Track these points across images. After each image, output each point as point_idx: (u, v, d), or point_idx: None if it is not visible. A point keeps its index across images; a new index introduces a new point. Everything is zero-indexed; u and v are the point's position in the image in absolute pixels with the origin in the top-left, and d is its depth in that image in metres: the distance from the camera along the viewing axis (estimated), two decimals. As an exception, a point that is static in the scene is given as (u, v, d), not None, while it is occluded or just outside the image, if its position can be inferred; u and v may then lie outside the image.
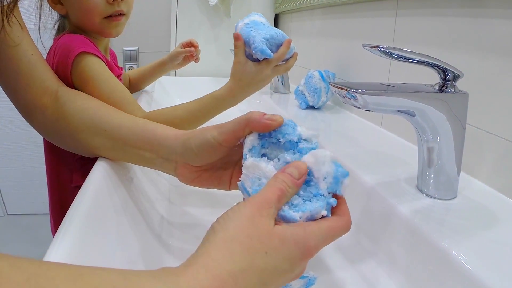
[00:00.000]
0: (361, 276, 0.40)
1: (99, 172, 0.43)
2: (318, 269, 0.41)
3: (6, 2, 0.42)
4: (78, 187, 0.39)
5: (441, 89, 0.39)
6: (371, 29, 0.75)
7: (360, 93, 0.36)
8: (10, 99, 0.48)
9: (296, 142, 0.32)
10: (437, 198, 0.41)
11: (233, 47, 0.63)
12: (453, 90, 0.39)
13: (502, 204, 0.41)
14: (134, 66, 1.68)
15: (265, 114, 0.32)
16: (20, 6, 0.45)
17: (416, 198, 0.41)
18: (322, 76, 0.84)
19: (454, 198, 0.42)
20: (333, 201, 0.29)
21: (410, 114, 0.39)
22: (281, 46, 0.61)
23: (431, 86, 0.40)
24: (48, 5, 0.64)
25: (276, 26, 1.42)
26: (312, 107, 0.87)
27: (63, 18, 0.67)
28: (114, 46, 1.64)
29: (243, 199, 0.32)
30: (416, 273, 0.36)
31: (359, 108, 0.37)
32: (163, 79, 1.19)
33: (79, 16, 0.63)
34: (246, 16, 0.64)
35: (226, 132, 0.35)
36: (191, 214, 0.55)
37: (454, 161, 0.40)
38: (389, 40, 0.68)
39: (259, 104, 1.00)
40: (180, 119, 0.60)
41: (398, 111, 0.39)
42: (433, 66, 0.38)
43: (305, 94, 0.85)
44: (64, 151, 0.53)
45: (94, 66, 0.57)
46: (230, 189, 0.41)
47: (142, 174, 0.55)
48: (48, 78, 0.49)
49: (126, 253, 0.38)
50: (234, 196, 0.58)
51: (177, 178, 0.42)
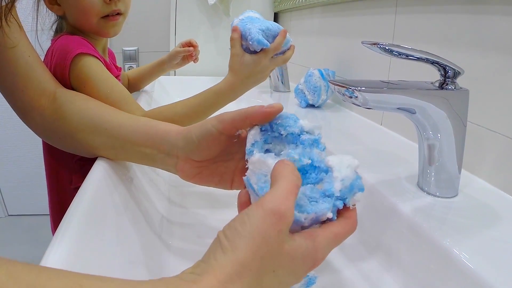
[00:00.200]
0: (362, 275, 0.40)
1: (99, 172, 0.43)
2: (318, 268, 0.41)
3: (4, 2, 0.42)
4: (78, 189, 0.39)
5: (441, 86, 0.39)
6: (371, 26, 0.75)
7: (360, 90, 0.36)
8: (7, 101, 0.48)
9: (298, 135, 0.32)
10: (438, 196, 0.41)
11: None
12: (453, 87, 0.38)
13: (503, 202, 0.41)
14: (134, 66, 1.68)
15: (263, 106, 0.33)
16: (17, 7, 0.45)
17: (417, 196, 0.41)
18: (322, 74, 0.83)
19: (455, 196, 0.41)
20: (339, 203, 0.28)
21: (410, 111, 0.38)
22: (277, 36, 0.61)
23: (432, 83, 0.40)
24: (45, 6, 0.63)
25: (275, 25, 1.42)
26: (312, 106, 0.87)
27: (61, 19, 0.67)
28: (113, 46, 1.65)
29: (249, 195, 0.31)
30: (417, 271, 0.35)
31: (359, 106, 0.37)
32: (163, 79, 1.19)
33: (77, 16, 0.62)
34: (241, 14, 0.65)
35: (226, 120, 0.36)
36: (191, 214, 0.55)
37: (455, 158, 0.40)
38: (388, 37, 0.67)
39: (259, 103, 1.00)
40: (180, 116, 0.59)
41: (398, 109, 0.38)
42: (433, 63, 0.38)
43: (305, 93, 0.85)
44: (63, 153, 0.53)
45: (92, 67, 0.57)
46: (231, 188, 0.41)
47: (142, 174, 0.55)
48: (45, 80, 0.48)
49: (126, 253, 0.38)
50: (234, 196, 0.58)
51: (177, 176, 0.42)
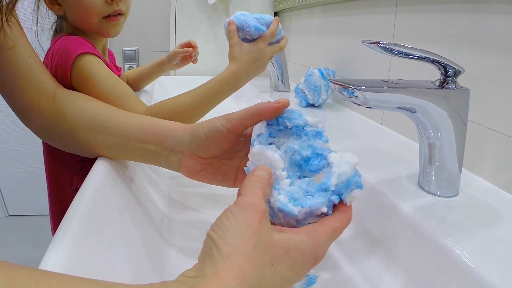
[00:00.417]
0: (362, 274, 0.40)
1: (99, 171, 0.43)
2: (319, 267, 0.41)
3: (5, 2, 0.42)
4: (78, 190, 0.39)
5: (442, 85, 0.39)
6: (371, 26, 0.75)
7: (360, 90, 0.35)
8: (6, 101, 0.47)
9: (302, 127, 0.33)
10: (438, 196, 0.41)
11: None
12: (454, 86, 0.38)
13: (504, 201, 0.41)
14: (134, 66, 1.68)
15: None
16: (16, 7, 0.45)
17: (417, 196, 0.41)
18: (322, 74, 0.83)
19: (456, 195, 0.41)
20: (335, 198, 0.28)
21: (410, 110, 0.38)
22: (270, 24, 0.65)
23: (432, 82, 0.40)
24: (45, 6, 0.63)
25: (275, 24, 1.42)
26: (312, 105, 0.87)
27: (61, 19, 0.67)
28: (113, 46, 1.65)
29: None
30: (418, 271, 0.35)
31: (359, 105, 0.37)
32: (163, 79, 1.19)
33: (78, 16, 0.62)
34: (232, 15, 0.68)
35: (235, 118, 0.37)
36: (192, 213, 0.55)
37: (455, 158, 0.40)
38: (389, 37, 0.67)
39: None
40: (185, 106, 0.59)
41: (398, 108, 0.38)
42: (433, 62, 0.38)
43: (305, 92, 0.85)
44: (63, 154, 0.53)
45: (93, 65, 0.57)
46: (235, 185, 0.41)
47: (142, 174, 0.55)
48: (45, 80, 0.48)
49: (127, 253, 0.37)
50: (235, 195, 0.58)
51: (178, 175, 0.41)
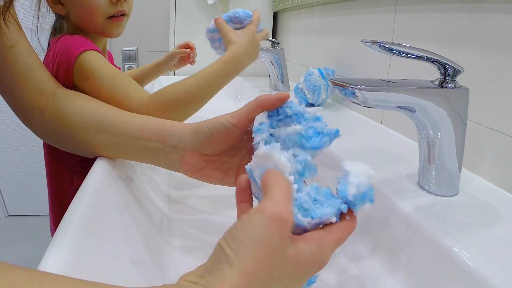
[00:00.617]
0: (362, 273, 0.40)
1: (99, 171, 0.43)
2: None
3: (2, 2, 0.42)
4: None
5: (441, 84, 0.39)
6: (370, 25, 0.75)
7: (359, 89, 0.35)
8: (6, 101, 0.47)
9: (302, 114, 0.35)
10: (438, 195, 0.41)
11: None
12: (453, 86, 0.38)
13: (504, 200, 0.41)
14: (134, 66, 1.68)
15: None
16: (16, 7, 0.45)
17: (417, 195, 0.41)
18: (321, 73, 0.83)
19: (455, 194, 0.41)
20: (344, 207, 0.28)
21: (410, 110, 0.38)
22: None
23: (432, 81, 0.40)
24: (45, 5, 0.63)
25: (275, 24, 1.42)
26: (312, 105, 0.87)
27: (62, 19, 0.67)
28: (113, 46, 1.65)
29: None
30: (418, 270, 0.35)
31: (359, 104, 0.37)
32: (162, 79, 1.19)
33: (81, 16, 0.62)
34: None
35: (239, 114, 0.37)
36: (192, 213, 0.55)
37: (455, 157, 0.40)
38: (388, 36, 0.67)
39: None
40: (190, 87, 0.59)
41: (398, 107, 0.38)
42: (433, 61, 0.38)
43: (304, 92, 0.85)
44: (64, 154, 0.52)
45: (94, 59, 0.57)
46: (236, 184, 0.41)
47: (142, 174, 0.55)
48: (44, 80, 0.48)
49: (127, 253, 0.37)
50: (234, 194, 0.58)
51: (178, 175, 0.41)
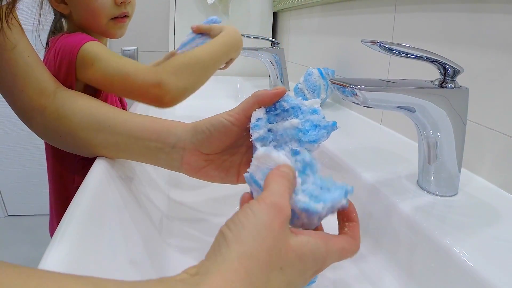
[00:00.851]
0: (362, 273, 0.40)
1: (99, 171, 0.43)
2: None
3: (5, 2, 0.42)
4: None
5: (441, 84, 0.39)
6: (370, 25, 0.75)
7: (359, 89, 0.35)
8: (6, 101, 0.47)
9: (299, 107, 0.35)
10: (438, 195, 0.41)
11: None
12: (453, 86, 0.38)
13: (503, 200, 0.41)
14: (133, 65, 1.68)
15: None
16: (19, 6, 0.45)
17: (417, 195, 0.41)
18: (321, 73, 0.83)
19: (455, 194, 0.41)
20: (350, 188, 0.29)
21: (410, 110, 0.38)
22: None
23: (431, 81, 0.40)
24: (47, 5, 0.63)
25: (274, 23, 1.43)
26: (311, 105, 0.87)
27: (63, 18, 0.66)
28: (112, 46, 1.65)
29: (250, 192, 0.31)
30: (417, 270, 0.35)
31: (359, 104, 0.37)
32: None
33: (85, 16, 0.62)
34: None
35: (237, 112, 0.37)
36: (191, 212, 0.55)
37: (455, 157, 0.40)
38: (388, 36, 0.67)
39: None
40: (198, 52, 0.60)
41: (398, 107, 0.38)
42: (433, 61, 0.38)
43: (304, 92, 0.85)
44: (66, 153, 0.52)
45: (96, 47, 0.56)
46: (238, 182, 0.41)
47: (142, 173, 0.55)
48: (45, 80, 0.48)
49: (126, 252, 0.37)
50: (234, 194, 0.58)
51: (178, 175, 0.41)
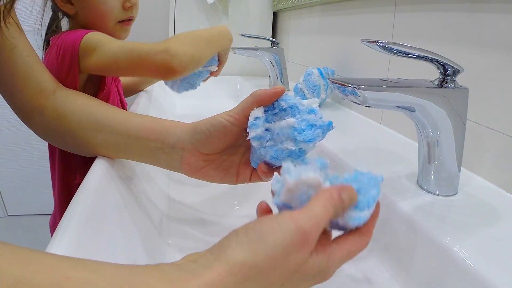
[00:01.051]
0: (362, 273, 0.40)
1: (98, 170, 0.43)
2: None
3: (2, 2, 0.42)
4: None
5: (441, 84, 0.39)
6: (370, 25, 0.75)
7: (359, 88, 0.35)
8: (6, 101, 0.47)
9: (297, 106, 0.35)
10: (438, 195, 0.41)
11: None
12: (453, 86, 0.38)
13: (503, 200, 0.41)
14: (133, 65, 1.68)
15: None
16: (16, 7, 0.45)
17: (417, 195, 0.41)
18: (321, 73, 0.83)
19: (455, 194, 0.41)
20: (381, 178, 0.30)
21: (410, 109, 0.38)
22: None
23: (431, 81, 0.40)
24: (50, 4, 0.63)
25: (274, 23, 1.43)
26: (311, 105, 0.87)
27: (68, 17, 0.66)
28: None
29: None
30: (417, 270, 0.35)
31: (359, 104, 0.37)
32: (162, 82, 1.19)
33: (92, 18, 0.62)
34: None
35: (237, 112, 0.38)
36: (191, 212, 0.55)
37: (454, 157, 0.40)
38: (388, 36, 0.67)
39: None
40: (200, 31, 0.60)
41: (397, 107, 0.38)
42: (432, 61, 0.38)
43: (304, 92, 0.85)
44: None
45: (99, 35, 0.56)
46: (237, 182, 0.41)
47: (141, 173, 0.55)
48: (45, 79, 0.48)
49: (126, 252, 0.37)
50: (233, 194, 0.58)
51: (177, 175, 0.41)
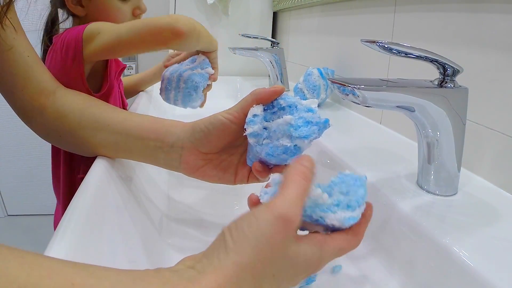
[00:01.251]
0: (361, 273, 0.40)
1: (99, 170, 0.43)
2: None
3: (1, 2, 0.42)
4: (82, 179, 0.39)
5: (440, 84, 0.39)
6: (370, 25, 0.75)
7: (359, 88, 0.35)
8: (7, 101, 0.47)
9: (295, 105, 0.36)
10: (437, 195, 0.41)
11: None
12: (452, 86, 0.38)
13: (503, 200, 0.41)
14: (133, 65, 1.69)
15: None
16: (16, 7, 0.45)
17: (416, 195, 0.41)
18: (321, 73, 0.83)
19: (454, 194, 0.41)
20: (364, 177, 0.30)
21: (409, 109, 0.38)
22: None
23: (431, 81, 0.40)
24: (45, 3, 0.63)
25: (274, 24, 1.42)
26: (311, 105, 0.87)
27: (75, 18, 0.66)
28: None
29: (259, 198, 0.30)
30: (417, 270, 0.35)
31: (358, 104, 0.37)
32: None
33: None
34: None
35: (236, 110, 0.38)
36: (191, 212, 0.55)
37: (454, 157, 0.40)
38: (388, 36, 0.67)
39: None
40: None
41: (397, 107, 0.38)
42: (432, 61, 0.38)
43: (304, 92, 0.85)
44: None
45: (98, 23, 0.56)
46: (235, 182, 0.41)
47: (141, 173, 0.55)
48: (45, 79, 0.48)
49: (126, 252, 0.38)
50: (233, 194, 0.58)
51: (177, 175, 0.41)
